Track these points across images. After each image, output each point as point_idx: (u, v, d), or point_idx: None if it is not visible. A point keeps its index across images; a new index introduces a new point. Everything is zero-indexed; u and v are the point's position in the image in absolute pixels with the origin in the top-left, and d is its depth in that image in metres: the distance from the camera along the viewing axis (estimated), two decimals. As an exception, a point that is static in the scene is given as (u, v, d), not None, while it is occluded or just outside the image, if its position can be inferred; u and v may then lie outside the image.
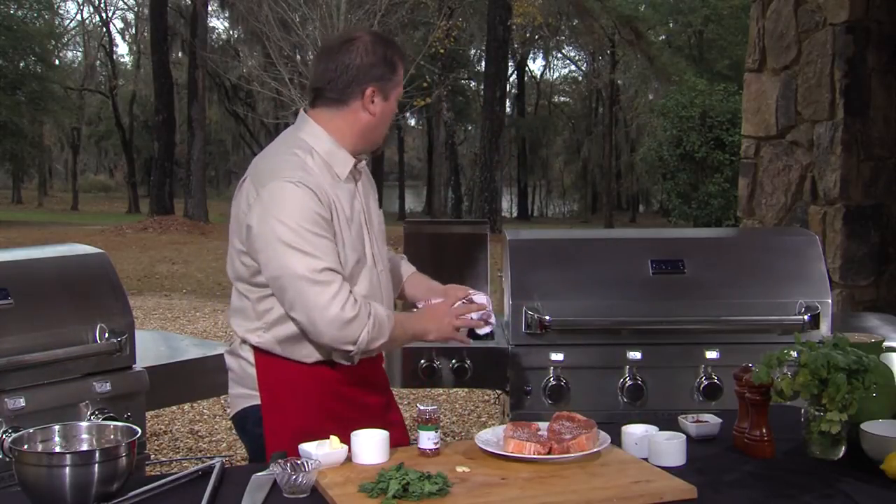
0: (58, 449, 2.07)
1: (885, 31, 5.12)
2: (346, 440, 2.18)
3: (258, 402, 2.42)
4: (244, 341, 2.43)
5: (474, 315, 2.52)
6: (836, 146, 5.12)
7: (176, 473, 2.10)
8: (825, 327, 3.34)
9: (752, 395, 2.28)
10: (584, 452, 2.16)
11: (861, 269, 5.09)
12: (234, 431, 6.04)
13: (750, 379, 2.27)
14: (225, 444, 5.81)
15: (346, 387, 2.43)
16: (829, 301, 3.43)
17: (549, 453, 2.15)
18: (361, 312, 2.27)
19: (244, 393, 2.46)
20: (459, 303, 2.56)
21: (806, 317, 3.33)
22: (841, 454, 2.21)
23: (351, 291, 2.29)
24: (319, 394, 2.39)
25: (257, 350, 2.41)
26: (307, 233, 2.25)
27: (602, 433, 2.25)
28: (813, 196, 5.31)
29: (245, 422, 2.48)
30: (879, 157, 5.12)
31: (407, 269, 2.78)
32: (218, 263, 16.82)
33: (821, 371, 2.13)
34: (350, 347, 2.28)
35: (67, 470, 1.88)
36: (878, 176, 5.12)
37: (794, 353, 2.21)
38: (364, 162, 2.51)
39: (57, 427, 2.12)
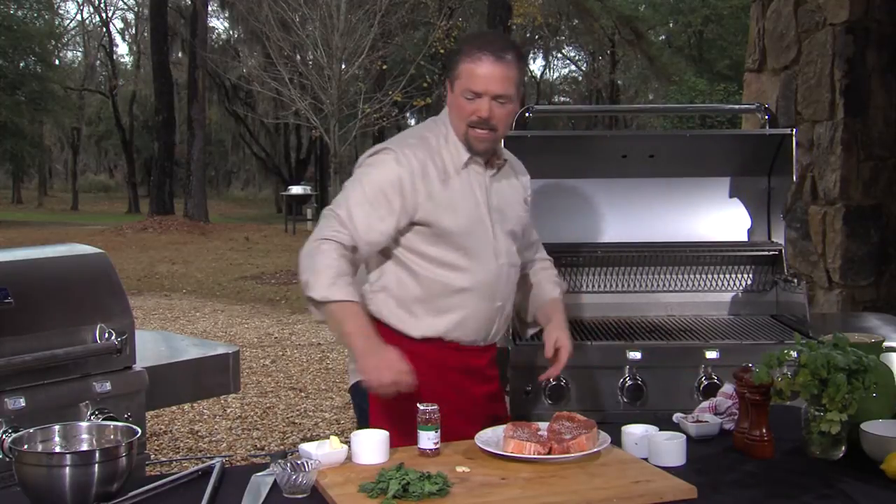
0: (58, 449, 2.08)
1: (885, 31, 5.12)
2: (448, 426, 2.23)
3: None
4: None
5: None
6: (836, 146, 5.12)
7: (176, 473, 2.10)
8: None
9: (752, 395, 2.28)
10: (584, 452, 2.16)
11: (861, 269, 5.08)
12: (234, 431, 6.06)
13: (750, 379, 2.28)
14: (225, 445, 5.81)
15: (453, 372, 2.55)
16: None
17: (549, 453, 2.15)
18: (319, 256, 2.37)
19: (356, 367, 2.56)
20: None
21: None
22: (841, 454, 2.21)
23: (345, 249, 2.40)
24: (425, 374, 2.43)
25: (372, 320, 2.52)
26: (364, 194, 2.45)
27: (602, 433, 2.25)
28: (813, 196, 5.31)
29: (355, 395, 2.64)
30: (879, 157, 5.12)
31: (551, 290, 2.82)
32: (218, 263, 16.82)
33: (821, 371, 2.13)
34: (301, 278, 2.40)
35: (67, 470, 1.89)
36: (878, 176, 5.12)
37: (793, 353, 2.21)
38: (501, 162, 2.64)
39: (57, 427, 2.12)
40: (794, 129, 3.82)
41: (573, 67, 40.66)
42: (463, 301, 2.54)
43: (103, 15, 40.40)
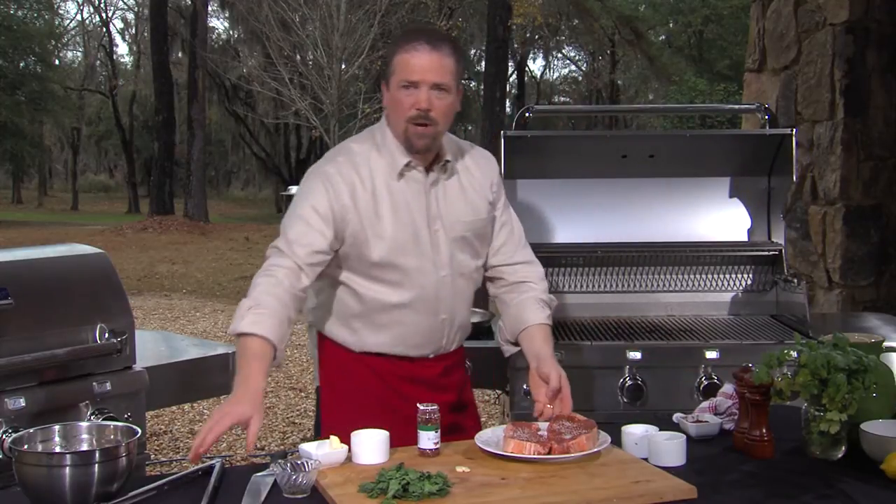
0: (58, 449, 2.08)
1: (885, 31, 5.12)
2: (399, 434, 2.21)
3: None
4: (311, 323, 2.59)
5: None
6: (836, 146, 5.12)
7: (176, 473, 2.10)
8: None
9: (752, 395, 2.28)
10: (584, 452, 2.16)
11: (861, 269, 5.09)
12: (233, 431, 6.06)
13: (750, 379, 2.27)
14: (225, 444, 5.81)
15: (402, 381, 2.50)
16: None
17: (549, 453, 2.15)
18: (253, 289, 2.31)
19: (316, 373, 2.63)
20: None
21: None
22: (841, 454, 2.21)
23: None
24: (371, 383, 2.47)
25: (319, 333, 2.56)
26: (299, 219, 2.39)
27: (602, 433, 2.25)
28: (813, 196, 5.31)
29: (316, 400, 2.65)
30: (879, 157, 5.12)
31: (534, 316, 2.57)
32: (218, 263, 16.82)
33: (821, 371, 2.13)
34: None
35: (67, 470, 1.89)
36: (878, 176, 5.12)
37: (793, 353, 2.21)
38: (444, 164, 2.50)
39: (57, 427, 2.12)
40: (794, 129, 3.82)
41: (573, 67, 40.67)
42: (401, 316, 2.46)
43: (103, 15, 40.44)
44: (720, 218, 3.95)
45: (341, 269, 2.47)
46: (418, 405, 2.23)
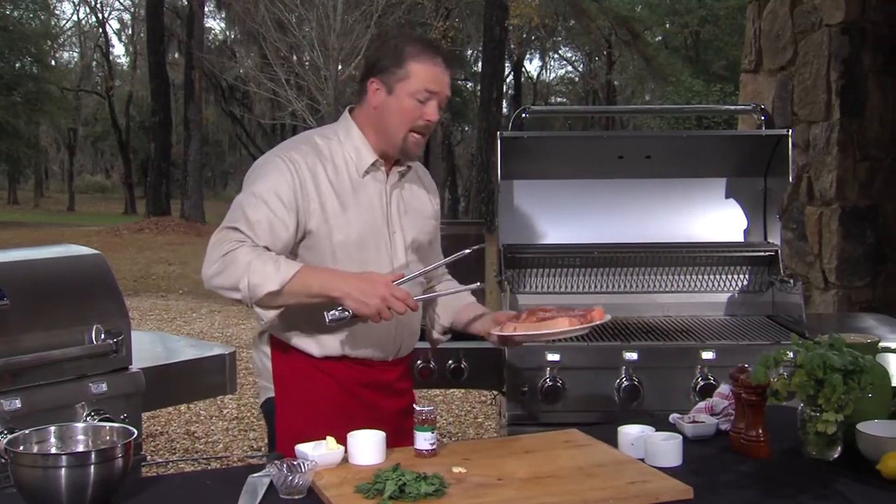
0: (54, 450, 2.07)
1: (881, 32, 5.12)
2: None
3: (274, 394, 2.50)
4: (263, 332, 2.51)
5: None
6: (833, 147, 5.12)
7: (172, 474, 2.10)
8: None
9: (749, 396, 2.28)
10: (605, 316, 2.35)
11: (857, 269, 5.09)
12: (230, 433, 6.05)
13: (746, 379, 2.28)
14: (221, 446, 5.81)
15: (362, 388, 2.47)
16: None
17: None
18: (240, 257, 2.21)
19: (264, 385, 2.54)
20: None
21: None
22: (837, 454, 2.21)
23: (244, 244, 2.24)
24: (330, 391, 2.43)
25: (272, 339, 2.48)
26: (262, 203, 2.30)
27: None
28: (809, 196, 5.32)
29: (266, 413, 2.55)
30: (875, 157, 5.13)
31: (469, 297, 2.66)
32: (214, 264, 16.77)
33: (817, 372, 2.13)
34: (235, 295, 2.23)
35: (63, 471, 1.88)
36: (874, 176, 5.13)
37: (790, 354, 2.21)
38: (404, 168, 2.51)
39: (53, 428, 2.11)
40: (791, 130, 3.83)
41: (570, 68, 40.71)
42: None
43: (99, 16, 40.43)
44: (716, 218, 3.95)
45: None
46: (415, 406, 2.23)
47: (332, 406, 2.41)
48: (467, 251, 2.47)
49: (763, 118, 4.05)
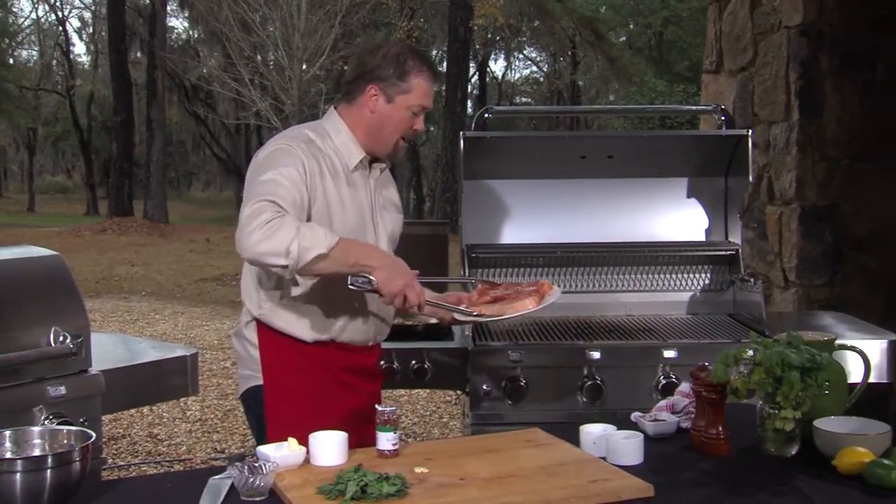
0: (8, 454, 2.04)
1: (837, 35, 5.18)
2: (345, 425, 2.25)
3: (261, 382, 2.54)
4: (249, 321, 2.57)
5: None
6: (792, 147, 5.18)
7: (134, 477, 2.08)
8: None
9: (709, 394, 2.30)
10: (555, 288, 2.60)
11: (816, 268, 5.15)
12: (193, 434, 6.00)
13: (706, 377, 2.30)
14: (185, 448, 5.76)
15: (346, 373, 2.58)
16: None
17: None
18: (287, 222, 2.25)
19: (248, 374, 2.60)
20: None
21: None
22: (795, 451, 2.24)
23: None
24: (320, 376, 2.52)
25: (261, 328, 2.54)
26: (288, 182, 2.37)
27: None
28: (769, 196, 5.37)
29: (249, 401, 2.62)
30: (833, 157, 5.19)
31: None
32: (178, 265, 16.66)
33: (775, 369, 2.16)
34: (281, 260, 2.24)
35: (18, 476, 1.85)
36: (832, 177, 5.19)
37: (750, 352, 2.24)
38: (384, 166, 2.67)
39: (8, 432, 2.09)
40: (751, 130, 3.87)
41: (534, 68, 40.82)
42: (349, 303, 2.54)
43: (59, 14, 39.85)
44: (678, 218, 3.99)
45: None
46: (377, 407, 2.23)
47: (319, 388, 2.52)
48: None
49: (724, 118, 4.09)
